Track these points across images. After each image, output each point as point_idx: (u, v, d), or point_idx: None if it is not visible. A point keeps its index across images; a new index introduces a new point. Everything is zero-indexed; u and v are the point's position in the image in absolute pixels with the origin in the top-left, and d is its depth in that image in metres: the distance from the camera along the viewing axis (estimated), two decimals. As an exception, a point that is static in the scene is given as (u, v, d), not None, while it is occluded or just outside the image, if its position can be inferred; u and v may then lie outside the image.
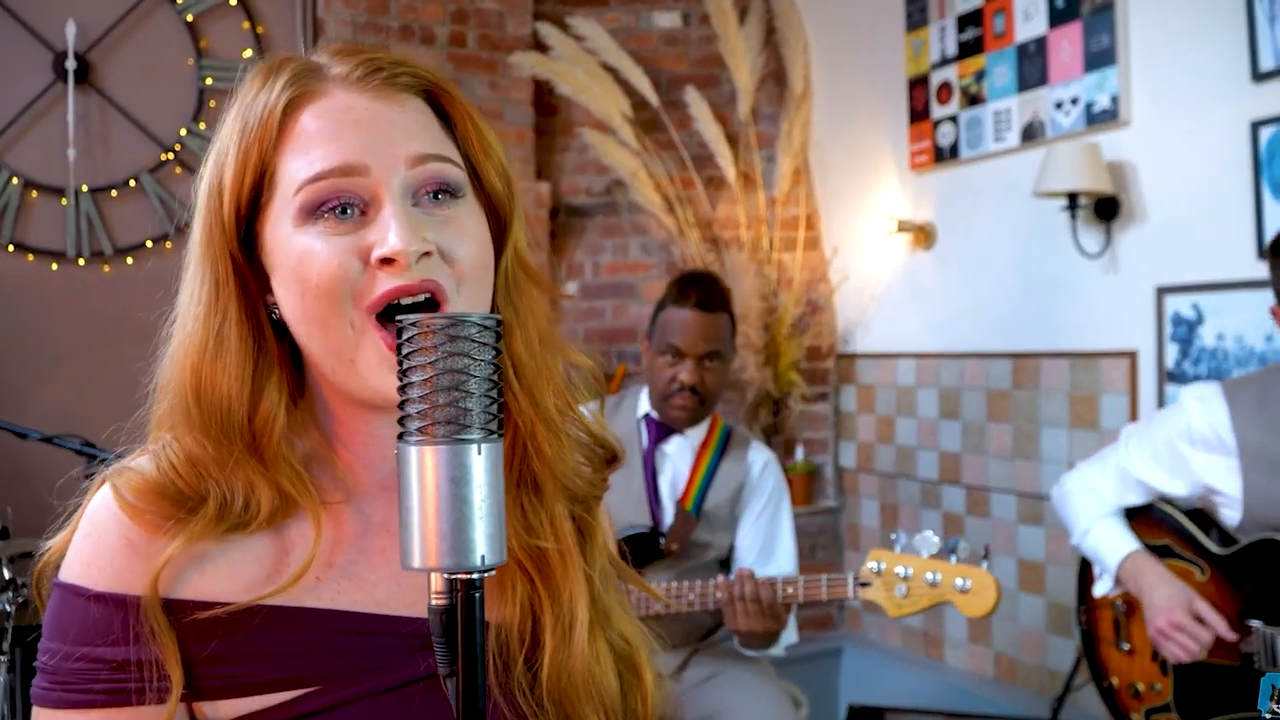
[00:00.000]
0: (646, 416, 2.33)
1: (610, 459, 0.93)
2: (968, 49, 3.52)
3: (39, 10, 3.60)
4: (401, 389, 0.61)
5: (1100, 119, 3.06)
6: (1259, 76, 2.65)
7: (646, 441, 2.31)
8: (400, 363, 0.61)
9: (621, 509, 2.26)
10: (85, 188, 3.57)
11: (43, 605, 0.80)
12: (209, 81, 3.89)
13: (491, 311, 0.85)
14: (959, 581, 1.70)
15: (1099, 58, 3.06)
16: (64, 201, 3.56)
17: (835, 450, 4.21)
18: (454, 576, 0.60)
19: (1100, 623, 2.05)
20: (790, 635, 2.20)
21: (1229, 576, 1.88)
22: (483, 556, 0.59)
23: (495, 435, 0.61)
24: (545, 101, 4.34)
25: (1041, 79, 3.25)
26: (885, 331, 3.97)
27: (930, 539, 1.74)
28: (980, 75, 3.47)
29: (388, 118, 0.80)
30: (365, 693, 0.78)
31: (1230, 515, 1.86)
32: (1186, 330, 2.88)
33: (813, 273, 4.18)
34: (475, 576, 0.60)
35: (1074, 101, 3.15)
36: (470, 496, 0.59)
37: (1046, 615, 3.30)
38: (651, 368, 2.28)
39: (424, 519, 0.59)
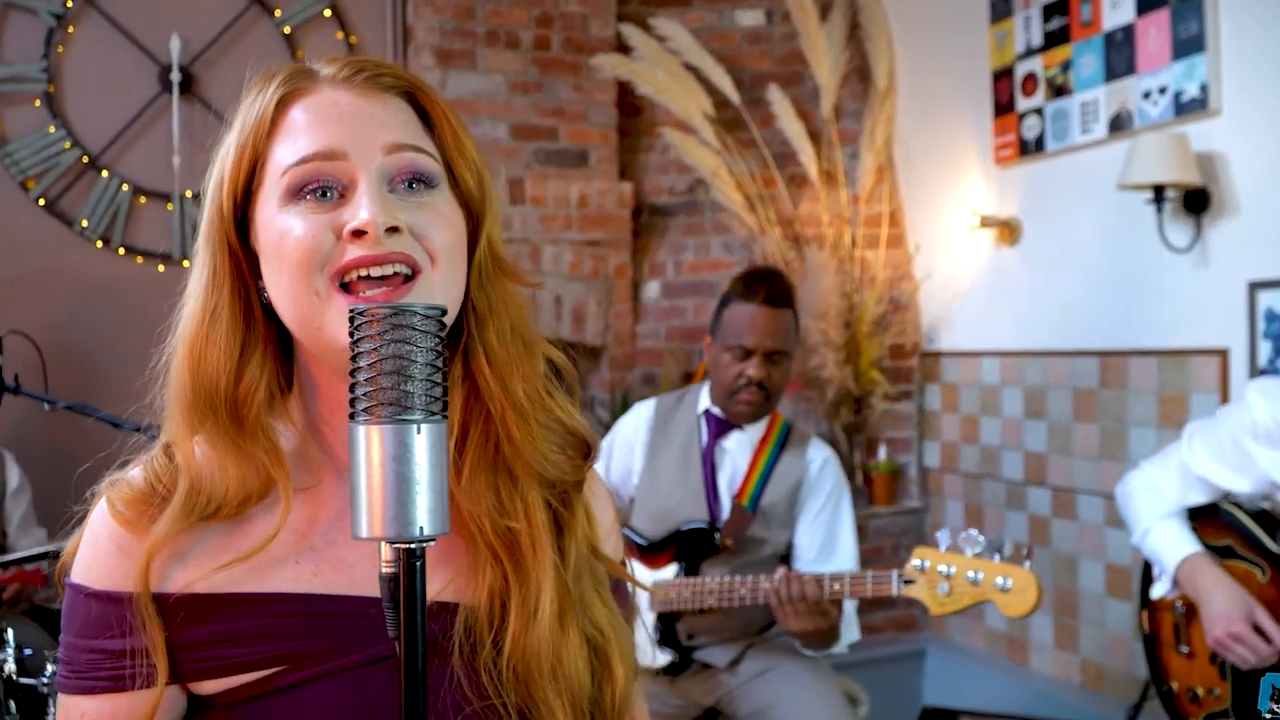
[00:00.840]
0: (707, 412, 2.35)
1: (586, 452, 0.96)
2: (1053, 39, 3.44)
3: (146, 26, 3.81)
4: (351, 373, 0.65)
5: (1189, 109, 2.96)
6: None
7: (706, 437, 2.33)
8: (351, 348, 0.66)
9: (680, 504, 2.29)
10: (189, 193, 3.76)
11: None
12: (305, 90, 4.05)
13: (465, 301, 0.89)
14: (1000, 580, 1.67)
15: (1187, 45, 2.96)
16: (169, 206, 3.76)
17: (919, 450, 4.15)
18: (397, 545, 0.64)
19: (1161, 626, 1.99)
20: (852, 633, 2.20)
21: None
22: (421, 528, 0.63)
23: (437, 416, 0.65)
24: (629, 102, 4.39)
25: (1129, 68, 3.16)
26: (970, 329, 3.90)
27: (975, 537, 1.72)
28: (1066, 66, 3.39)
29: (369, 111, 0.86)
30: (330, 670, 0.83)
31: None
32: (1280, 327, 2.76)
33: (895, 270, 4.13)
34: (415, 546, 0.64)
35: (1162, 91, 3.05)
36: (412, 473, 0.63)
37: (1135, 621, 3.20)
38: (716, 363, 2.30)
39: (370, 493, 0.63)
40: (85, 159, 3.74)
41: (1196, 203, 2.94)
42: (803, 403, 4.17)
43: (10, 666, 2.29)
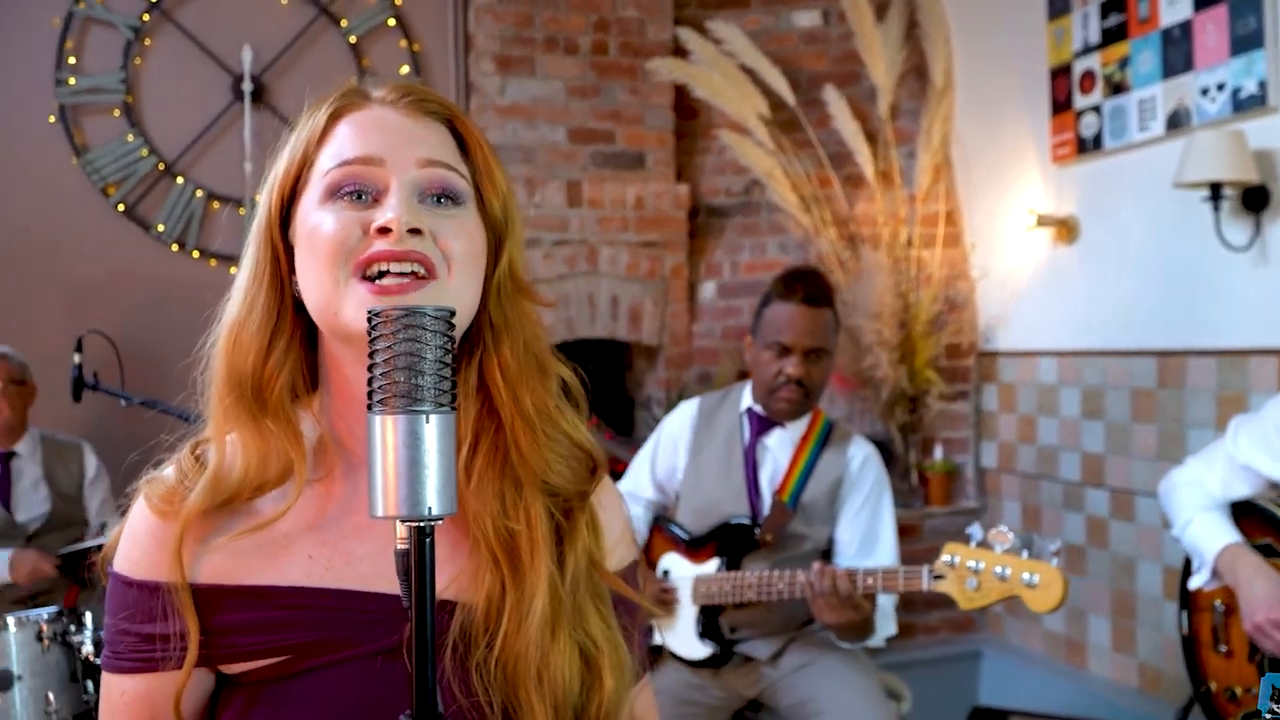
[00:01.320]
0: (749, 410, 2.39)
1: (592, 467, 1.01)
2: (1111, 35, 3.41)
3: (219, 37, 3.97)
4: (369, 368, 0.72)
5: (1247, 105, 2.92)
6: None
7: (748, 434, 2.37)
8: (369, 345, 0.72)
9: (722, 500, 2.33)
10: (259, 198, 3.90)
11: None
12: (369, 97, 4.17)
13: (484, 315, 0.95)
14: (1026, 576, 1.69)
15: (1246, 41, 2.92)
16: (241, 211, 3.91)
17: (976, 450, 4.14)
18: (409, 524, 0.70)
19: (1200, 627, 1.98)
20: (889, 627, 2.22)
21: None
22: (430, 508, 0.69)
23: (446, 408, 0.71)
24: (686, 105, 4.43)
25: (1187, 65, 3.12)
26: (1027, 329, 3.88)
27: (1005, 534, 1.74)
28: (1124, 63, 3.36)
29: (410, 128, 0.93)
30: (340, 659, 0.89)
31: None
32: (1341, 327, 2.71)
33: (952, 269, 4.12)
34: (425, 524, 0.70)
35: (1220, 88, 3.01)
36: (422, 459, 0.69)
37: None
38: (757, 362, 2.34)
39: (385, 476, 0.69)
40: (161, 166, 3.90)
41: (1256, 200, 2.90)
42: (858, 402, 4.18)
43: (88, 648, 2.41)
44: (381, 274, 0.87)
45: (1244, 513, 1.94)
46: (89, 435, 3.32)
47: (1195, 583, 1.98)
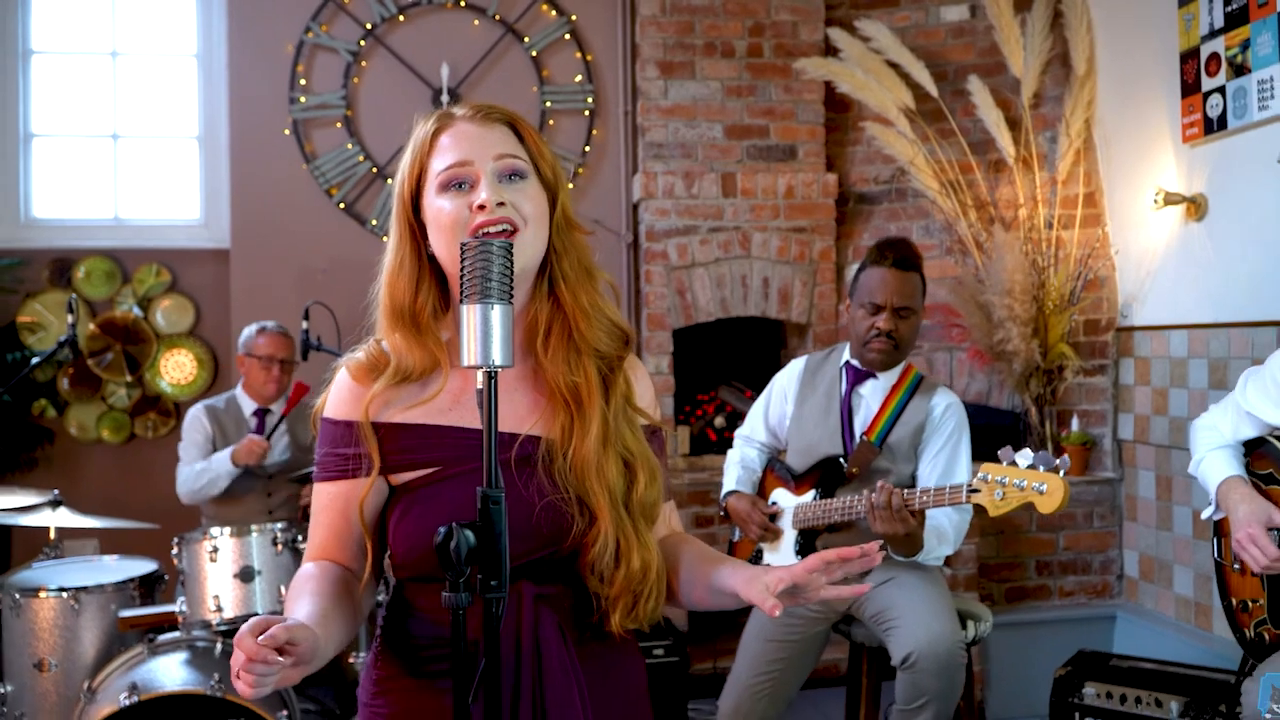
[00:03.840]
0: (847, 364, 2.74)
1: (626, 339, 1.44)
2: (1233, 20, 3.53)
3: (422, 57, 4.61)
4: (460, 277, 1.17)
5: (1359, 81, 3.02)
6: None
7: (845, 385, 2.72)
8: (460, 265, 1.17)
9: (821, 441, 2.70)
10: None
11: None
12: (548, 104, 4.73)
13: (550, 245, 1.39)
14: (1037, 485, 1.97)
15: (1358, 19, 3.02)
16: (439, 206, 4.53)
17: (1114, 422, 4.28)
18: (482, 369, 1.15)
19: (1225, 551, 2.18)
20: (941, 549, 2.49)
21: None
22: (492, 360, 1.14)
23: (506, 301, 1.15)
24: (837, 99, 4.76)
25: (1304, 44, 3.23)
26: (1161, 304, 4.01)
27: (1026, 454, 2.03)
28: (1245, 45, 3.48)
29: (485, 135, 1.39)
30: (461, 472, 1.34)
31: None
32: None
33: (1090, 248, 4.28)
34: (493, 369, 1.15)
35: (1334, 65, 3.12)
36: (492, 331, 1.14)
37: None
38: (853, 320, 2.69)
39: (469, 341, 1.14)
40: (374, 170, 4.59)
41: (1370, 173, 3.00)
42: (995, 375, 4.41)
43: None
44: (486, 233, 1.33)
45: (1255, 446, 2.15)
46: (314, 387, 4.00)
47: (1205, 514, 2.20)
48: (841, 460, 2.62)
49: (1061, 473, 1.96)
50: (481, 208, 1.33)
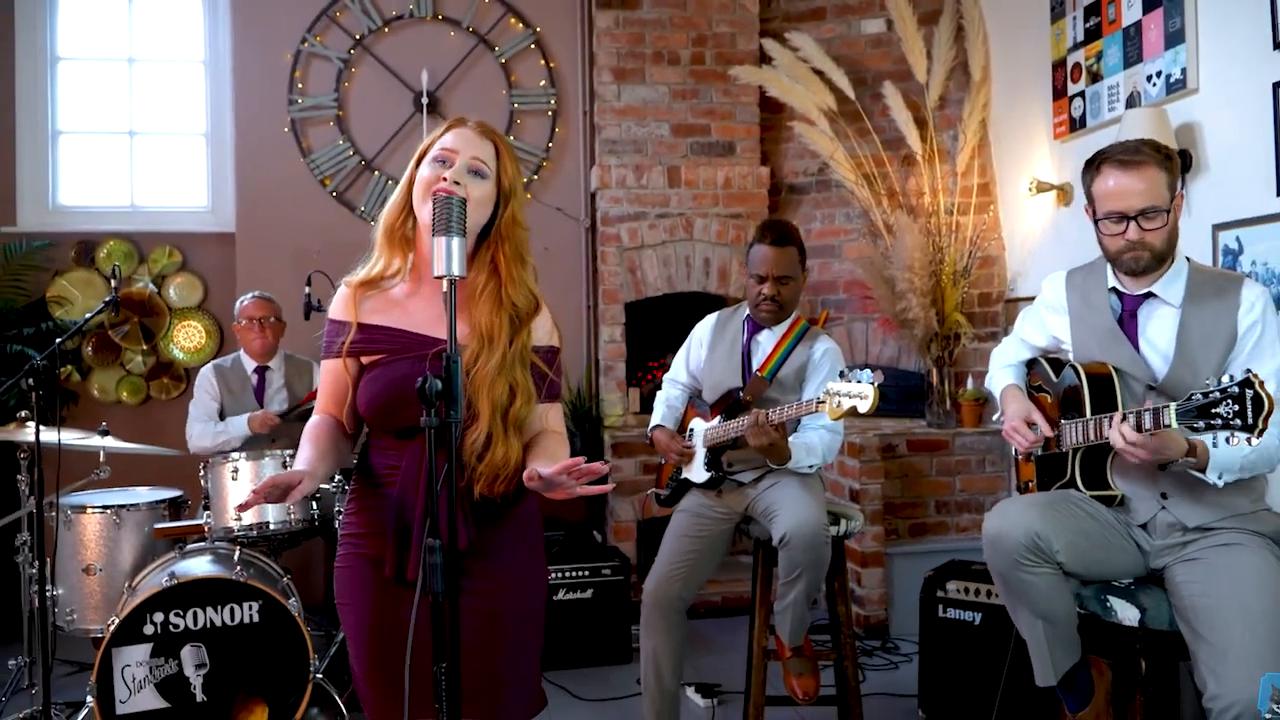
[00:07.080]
0: (747, 318, 3.38)
1: (535, 304, 2.04)
2: (1090, 34, 4.21)
3: (404, 64, 5.24)
4: (432, 216, 1.80)
5: (1175, 88, 3.70)
6: (1278, 45, 3.24)
7: (745, 334, 3.36)
8: (432, 208, 1.80)
9: (726, 378, 3.33)
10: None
11: None
12: (516, 106, 5.37)
13: (494, 230, 2.00)
14: (860, 394, 2.61)
15: (1174, 37, 3.69)
16: (419, 195, 5.17)
17: (1005, 382, 4.94)
18: (445, 277, 1.78)
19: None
20: (811, 459, 3.10)
21: (1062, 398, 2.62)
22: (453, 271, 1.76)
23: (461, 236, 1.77)
24: (772, 101, 5.42)
25: (1138, 57, 3.90)
26: (1040, 278, 4.66)
27: (858, 373, 2.66)
28: (1099, 56, 4.15)
29: (475, 141, 2.00)
30: (409, 356, 1.94)
31: (1069, 357, 2.62)
32: (1233, 260, 3.47)
33: (984, 230, 4.95)
34: (453, 278, 1.77)
35: (1158, 75, 3.79)
36: (452, 254, 1.76)
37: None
38: (747, 287, 3.33)
39: (438, 257, 1.76)
40: (363, 163, 5.21)
41: (1185, 164, 3.67)
42: (902, 341, 5.07)
43: (315, 509, 3.69)
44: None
45: (1031, 367, 2.80)
46: (313, 353, 4.63)
47: (994, 417, 2.85)
48: (740, 392, 3.26)
49: (875, 384, 2.61)
50: (444, 179, 1.96)
